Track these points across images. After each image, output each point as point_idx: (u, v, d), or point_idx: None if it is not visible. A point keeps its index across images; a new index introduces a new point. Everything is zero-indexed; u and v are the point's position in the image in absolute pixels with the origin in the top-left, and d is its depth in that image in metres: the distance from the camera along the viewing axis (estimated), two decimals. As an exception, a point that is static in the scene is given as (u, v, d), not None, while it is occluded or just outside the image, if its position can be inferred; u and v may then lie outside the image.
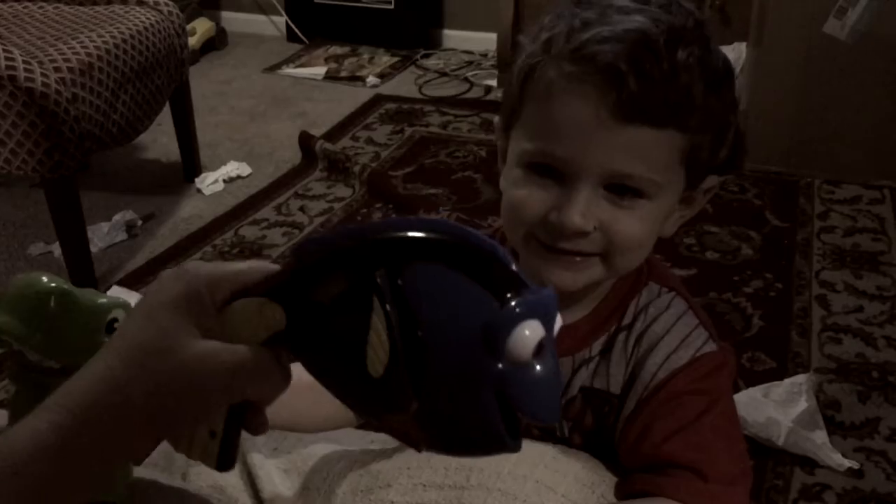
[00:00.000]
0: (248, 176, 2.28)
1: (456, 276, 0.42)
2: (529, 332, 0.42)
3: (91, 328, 0.58)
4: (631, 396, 0.68)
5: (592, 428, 0.71)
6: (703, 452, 0.64)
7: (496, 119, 0.71)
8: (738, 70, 2.25)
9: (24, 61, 1.56)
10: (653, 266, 0.72)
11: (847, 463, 1.28)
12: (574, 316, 0.71)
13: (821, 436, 1.31)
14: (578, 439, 0.72)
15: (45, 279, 0.58)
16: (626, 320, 0.70)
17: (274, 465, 0.80)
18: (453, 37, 3.21)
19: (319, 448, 0.81)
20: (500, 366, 0.42)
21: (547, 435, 0.72)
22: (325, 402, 0.78)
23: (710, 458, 0.64)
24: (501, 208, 0.68)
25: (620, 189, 0.62)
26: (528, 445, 0.68)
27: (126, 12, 1.94)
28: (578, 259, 0.65)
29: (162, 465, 0.79)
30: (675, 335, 0.67)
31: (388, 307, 0.42)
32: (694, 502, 0.63)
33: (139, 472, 0.67)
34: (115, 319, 0.58)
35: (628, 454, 0.67)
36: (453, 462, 0.67)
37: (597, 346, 0.70)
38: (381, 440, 0.83)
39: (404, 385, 0.43)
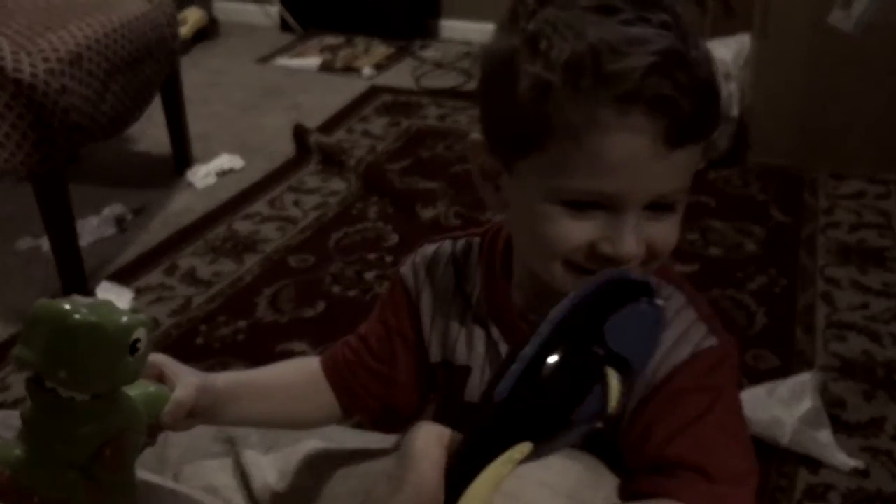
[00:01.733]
0: (240, 169, 2.26)
1: (630, 309, 0.55)
2: None
3: (115, 354, 0.56)
4: (632, 395, 0.66)
5: None
6: (708, 453, 0.63)
7: (474, 135, 0.67)
8: (741, 63, 2.23)
9: (11, 51, 1.54)
10: None
11: (852, 462, 1.28)
12: None
13: (826, 435, 1.30)
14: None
15: (71, 310, 0.55)
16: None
17: (268, 464, 0.80)
18: (451, 27, 3.19)
19: (312, 446, 0.81)
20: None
21: None
22: (311, 401, 0.79)
23: (715, 459, 0.63)
24: (520, 235, 0.68)
25: (661, 206, 0.62)
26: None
27: (116, 1, 1.91)
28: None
29: (154, 465, 0.79)
30: (674, 331, 0.65)
31: (614, 363, 0.54)
32: (702, 502, 0.62)
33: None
34: (138, 340, 0.57)
35: (632, 454, 0.66)
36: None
37: None
38: (376, 440, 0.84)
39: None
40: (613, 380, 0.53)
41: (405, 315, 0.76)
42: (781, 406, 1.31)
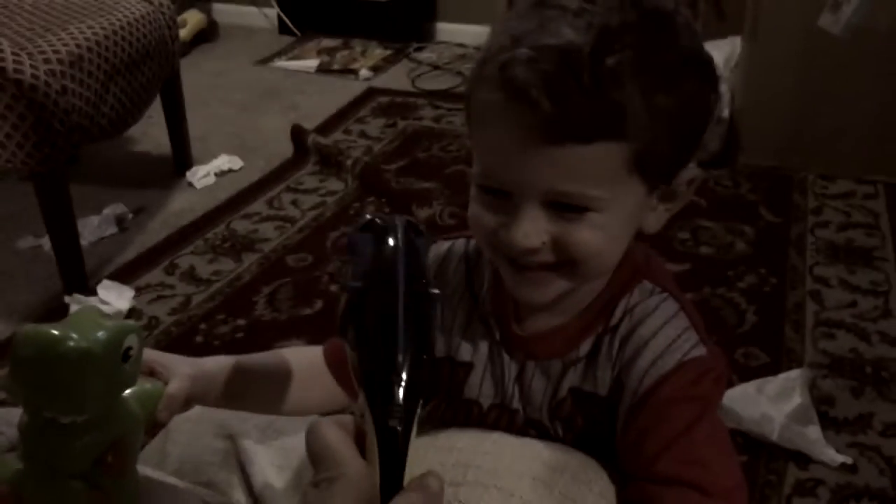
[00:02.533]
0: (239, 169, 2.27)
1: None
2: None
3: (110, 373, 0.55)
4: (621, 404, 0.67)
5: (582, 430, 0.70)
6: (700, 467, 0.63)
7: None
8: (732, 65, 2.24)
9: (13, 52, 1.55)
10: (651, 263, 0.71)
11: (840, 458, 1.28)
12: (564, 317, 0.70)
13: (814, 431, 1.31)
14: (571, 439, 0.71)
15: (59, 338, 0.52)
16: (613, 321, 0.68)
17: (268, 460, 0.80)
18: (446, 30, 3.20)
19: None
20: None
21: (542, 436, 0.71)
22: (316, 388, 0.79)
23: (707, 472, 0.63)
24: None
25: (563, 206, 0.61)
26: (524, 442, 0.69)
27: (116, 3, 1.92)
28: (542, 274, 0.64)
29: (155, 460, 0.79)
30: (662, 339, 0.65)
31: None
32: None
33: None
34: (130, 348, 0.56)
35: (625, 460, 0.66)
36: (450, 459, 0.67)
37: (584, 348, 0.69)
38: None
39: None
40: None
41: None
42: (771, 402, 1.32)
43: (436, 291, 0.51)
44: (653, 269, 0.70)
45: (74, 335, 0.53)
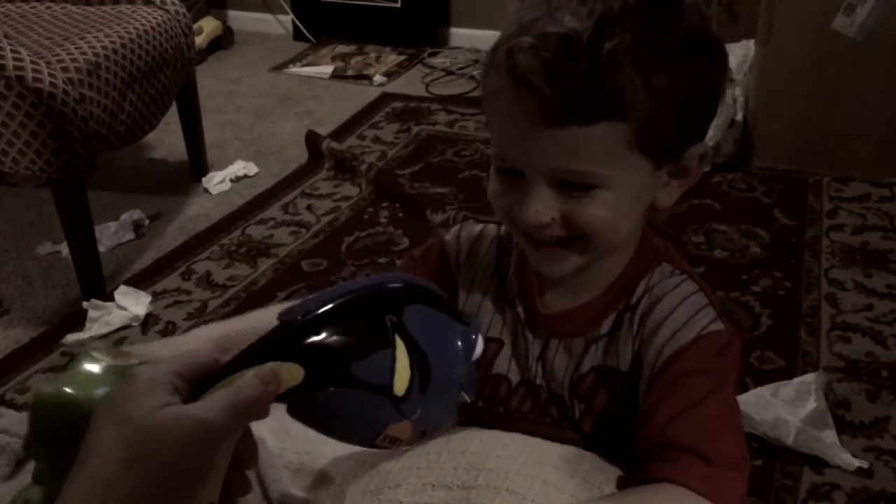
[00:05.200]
0: (254, 175, 2.29)
1: (430, 310, 0.58)
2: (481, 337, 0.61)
3: None
4: (641, 378, 0.68)
5: (603, 410, 0.71)
6: (707, 436, 0.64)
7: None
8: (745, 68, 2.24)
9: (31, 61, 1.57)
10: (669, 250, 0.74)
11: (856, 462, 1.28)
12: (587, 296, 0.72)
13: (830, 435, 1.31)
14: (589, 426, 0.72)
15: (78, 397, 0.53)
16: (634, 299, 0.71)
17: (283, 464, 0.80)
18: (460, 35, 3.21)
19: (329, 447, 0.80)
20: (463, 368, 0.59)
21: (559, 420, 0.72)
22: None
23: (713, 443, 0.64)
24: None
25: (569, 185, 0.64)
26: (536, 445, 0.69)
27: (133, 12, 1.94)
28: (556, 249, 0.67)
29: None
30: (681, 314, 0.67)
31: (406, 341, 0.55)
32: (697, 486, 0.63)
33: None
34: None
35: (637, 435, 0.68)
36: (462, 462, 0.67)
37: (606, 325, 0.71)
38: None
39: (417, 396, 0.55)
40: (402, 354, 0.54)
41: (436, 277, 0.78)
42: (786, 406, 1.32)
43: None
44: (672, 255, 0.74)
45: (93, 392, 0.54)
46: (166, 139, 2.40)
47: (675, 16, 0.62)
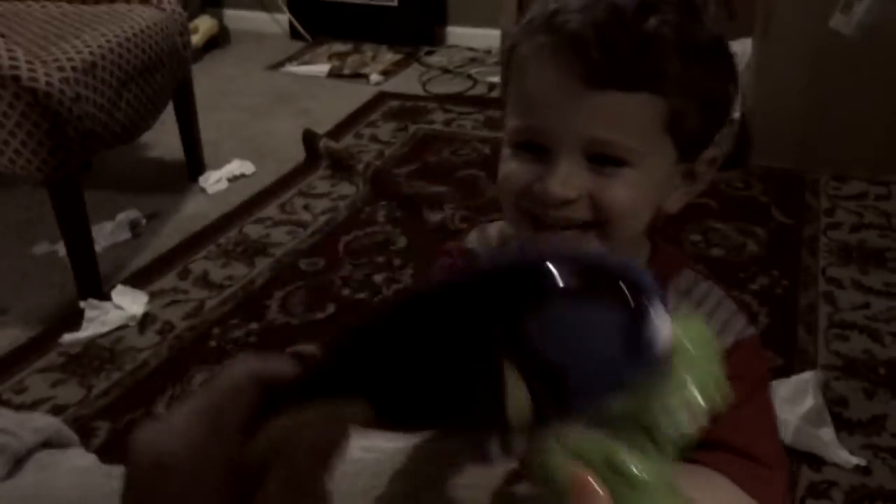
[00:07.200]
0: (251, 174, 2.29)
1: (583, 309, 0.37)
2: (665, 331, 0.38)
3: None
4: None
5: None
6: (751, 436, 0.65)
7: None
8: (743, 65, 2.24)
9: (27, 61, 1.56)
10: (682, 255, 0.75)
11: (854, 460, 1.28)
12: None
13: (828, 433, 1.31)
14: None
15: None
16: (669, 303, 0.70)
17: None
18: (457, 34, 3.21)
19: None
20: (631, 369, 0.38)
21: None
22: None
23: (757, 441, 0.65)
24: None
25: (602, 159, 0.63)
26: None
27: (129, 10, 1.94)
28: (569, 233, 0.65)
29: None
30: (718, 320, 0.68)
31: (522, 363, 0.36)
32: (745, 481, 0.64)
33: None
34: None
35: None
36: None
37: None
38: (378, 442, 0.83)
39: (551, 423, 0.39)
40: (513, 383, 0.36)
41: None
42: (784, 404, 1.32)
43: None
44: (687, 259, 0.74)
45: None
46: (162, 138, 2.40)
47: (704, 21, 0.64)
